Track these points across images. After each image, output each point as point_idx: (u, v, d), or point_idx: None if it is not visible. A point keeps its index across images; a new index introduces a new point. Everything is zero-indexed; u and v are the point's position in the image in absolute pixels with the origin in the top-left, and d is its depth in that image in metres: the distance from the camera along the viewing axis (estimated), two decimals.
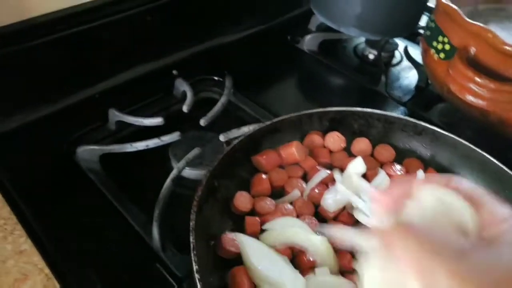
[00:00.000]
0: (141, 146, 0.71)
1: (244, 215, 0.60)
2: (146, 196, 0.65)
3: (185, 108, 0.78)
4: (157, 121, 0.74)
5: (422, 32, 0.90)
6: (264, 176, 0.64)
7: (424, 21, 1.04)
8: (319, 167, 0.66)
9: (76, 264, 0.57)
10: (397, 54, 1.07)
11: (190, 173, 0.70)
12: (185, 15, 0.93)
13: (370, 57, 1.05)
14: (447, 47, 0.74)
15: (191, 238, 0.49)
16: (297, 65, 1.03)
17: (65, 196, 0.66)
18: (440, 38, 0.76)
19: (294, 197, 0.63)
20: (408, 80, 0.99)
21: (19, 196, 0.62)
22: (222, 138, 0.73)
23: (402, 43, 1.09)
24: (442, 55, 0.76)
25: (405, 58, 1.05)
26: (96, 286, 0.55)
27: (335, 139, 0.69)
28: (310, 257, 0.55)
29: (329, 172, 0.65)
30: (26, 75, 0.75)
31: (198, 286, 0.45)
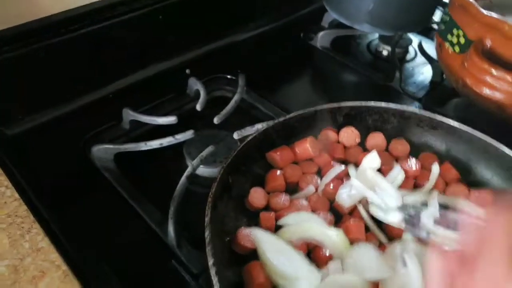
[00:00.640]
0: (155, 144, 0.71)
1: (258, 211, 0.59)
2: (161, 194, 0.65)
3: (198, 106, 0.78)
4: (170, 119, 0.74)
5: (436, 27, 0.89)
6: (278, 172, 0.64)
7: (437, 16, 1.03)
8: (334, 163, 0.66)
9: (92, 261, 0.57)
10: (411, 49, 1.06)
11: (204, 171, 0.70)
12: (197, 14, 0.93)
13: (384, 53, 1.04)
14: (462, 40, 0.74)
15: (206, 233, 0.49)
16: (310, 62, 1.03)
17: (80, 194, 0.67)
18: (455, 32, 0.76)
19: (308, 192, 0.63)
20: (422, 75, 0.99)
21: (35, 195, 0.63)
22: (236, 136, 0.73)
23: (416, 39, 1.08)
24: (457, 49, 0.75)
25: (419, 54, 1.04)
26: (112, 282, 0.56)
27: (350, 135, 0.69)
28: (326, 251, 0.55)
29: (343, 167, 0.64)
30: (42, 76, 0.76)
31: (214, 280, 0.45)
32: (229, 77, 0.89)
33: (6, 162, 0.67)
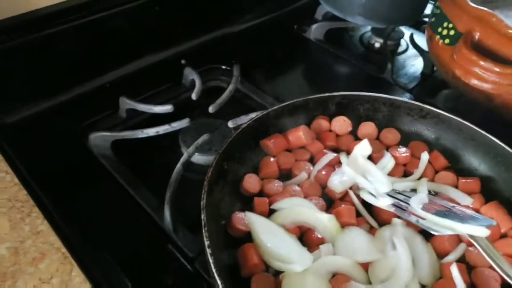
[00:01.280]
0: (151, 132, 0.72)
1: (253, 196, 0.61)
2: (157, 180, 0.66)
3: (193, 95, 0.80)
4: (167, 108, 0.75)
5: (427, 20, 0.90)
6: (272, 159, 0.65)
7: (429, 9, 1.05)
8: (326, 151, 0.67)
9: (90, 244, 0.58)
10: (402, 42, 1.08)
11: (199, 158, 0.72)
12: (193, 5, 0.94)
13: (376, 45, 1.06)
14: (452, 33, 0.75)
15: (202, 216, 0.50)
16: (303, 54, 1.04)
17: (78, 180, 0.68)
18: (445, 24, 0.77)
19: (301, 179, 0.64)
20: (414, 67, 1.00)
21: (35, 180, 0.64)
22: (231, 124, 0.74)
23: (407, 31, 1.10)
24: (447, 41, 0.77)
25: (410, 46, 1.06)
26: (110, 264, 0.57)
27: (342, 123, 0.70)
28: (318, 234, 0.56)
29: (335, 154, 0.66)
30: (39, 65, 0.77)
31: (210, 260, 0.47)
32: (224, 67, 0.91)
33: (5, 148, 0.68)
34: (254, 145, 0.66)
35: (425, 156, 0.67)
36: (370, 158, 0.66)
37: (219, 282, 0.45)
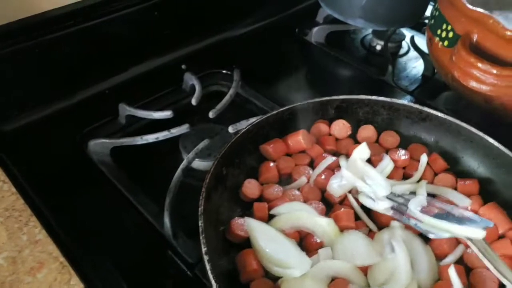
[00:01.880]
0: (151, 138, 0.72)
1: (252, 202, 0.61)
2: (157, 186, 0.66)
3: (193, 101, 0.80)
4: (166, 114, 0.75)
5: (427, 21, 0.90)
6: (271, 164, 0.66)
7: (430, 11, 1.05)
8: (325, 154, 0.67)
9: (89, 252, 0.58)
10: (404, 44, 1.07)
11: (199, 164, 0.72)
12: (192, 9, 0.95)
13: (377, 47, 1.05)
14: (451, 35, 0.75)
15: (200, 223, 0.51)
16: (305, 57, 1.04)
17: (77, 187, 0.68)
18: (444, 26, 0.77)
19: (301, 183, 0.64)
20: (415, 69, 1.00)
21: (33, 188, 0.64)
22: (231, 129, 0.74)
23: (408, 33, 1.09)
24: (446, 43, 0.77)
25: (411, 48, 1.05)
26: (110, 272, 0.57)
27: (341, 127, 0.70)
28: (317, 239, 0.57)
29: (334, 158, 0.66)
30: (38, 71, 0.77)
31: (207, 267, 0.47)
32: (224, 72, 0.91)
33: (3, 157, 0.68)
34: (254, 150, 0.67)
35: (424, 158, 0.67)
36: (369, 161, 0.66)
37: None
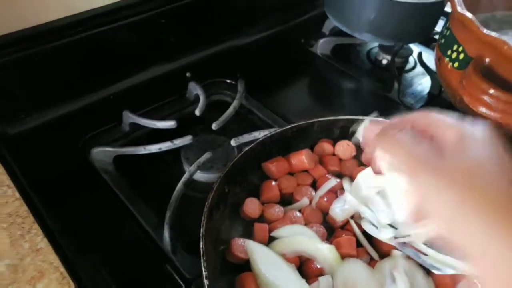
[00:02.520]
0: (154, 149, 0.72)
1: (253, 221, 0.60)
2: (158, 198, 0.66)
3: (197, 112, 0.79)
4: (169, 124, 0.75)
5: (437, 37, 0.89)
6: (273, 183, 0.65)
7: (440, 25, 1.04)
8: (329, 175, 0.67)
9: (89, 262, 0.58)
10: (410, 59, 1.06)
11: (201, 176, 0.71)
12: (198, 18, 0.94)
13: (383, 62, 1.04)
14: (462, 56, 0.74)
15: (201, 244, 0.50)
16: (310, 69, 1.03)
17: (80, 196, 0.67)
18: (454, 47, 0.76)
19: (303, 204, 0.64)
20: (421, 86, 0.99)
21: (36, 195, 0.64)
22: (233, 143, 0.74)
23: (416, 49, 1.08)
24: (456, 64, 0.76)
25: (418, 64, 1.04)
26: (108, 284, 0.57)
27: (345, 148, 0.69)
28: (318, 265, 0.56)
29: (338, 180, 0.65)
30: (44, 77, 0.77)
31: None
32: (228, 81, 0.90)
33: (8, 161, 0.68)
34: (256, 167, 0.66)
35: None
36: None
37: None
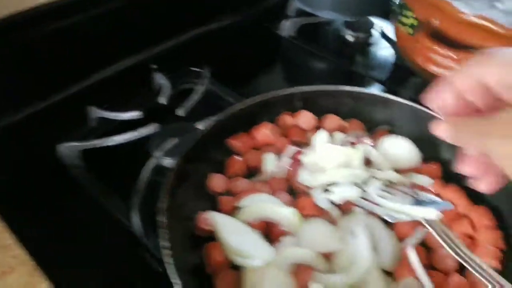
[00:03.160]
0: (121, 139, 0.73)
1: (220, 196, 0.62)
2: (129, 187, 0.67)
3: (162, 99, 0.80)
4: (135, 114, 0.76)
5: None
6: (238, 157, 0.66)
7: None
8: (292, 146, 0.68)
9: (60, 255, 0.59)
10: (375, 33, 1.08)
11: (170, 162, 0.72)
12: (160, 9, 0.95)
13: (349, 38, 1.06)
14: (414, 22, 0.76)
15: (161, 218, 0.52)
16: (277, 51, 1.04)
17: (47, 192, 0.68)
18: (408, 13, 0.78)
19: (268, 175, 0.65)
20: (385, 58, 1.01)
21: (1, 192, 0.65)
22: (200, 126, 0.75)
23: (379, 22, 1.10)
24: (410, 30, 0.78)
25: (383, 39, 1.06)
26: (81, 276, 0.57)
27: (307, 118, 0.71)
28: (283, 228, 0.57)
29: (297, 148, 0.67)
30: (5, 76, 0.77)
31: (171, 268, 0.48)
32: (196, 69, 0.90)
33: None
34: (221, 144, 0.67)
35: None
36: None
37: (179, 281, 0.47)
